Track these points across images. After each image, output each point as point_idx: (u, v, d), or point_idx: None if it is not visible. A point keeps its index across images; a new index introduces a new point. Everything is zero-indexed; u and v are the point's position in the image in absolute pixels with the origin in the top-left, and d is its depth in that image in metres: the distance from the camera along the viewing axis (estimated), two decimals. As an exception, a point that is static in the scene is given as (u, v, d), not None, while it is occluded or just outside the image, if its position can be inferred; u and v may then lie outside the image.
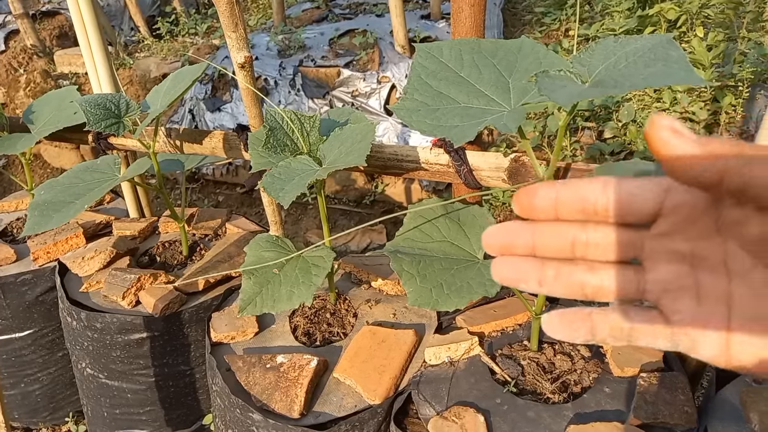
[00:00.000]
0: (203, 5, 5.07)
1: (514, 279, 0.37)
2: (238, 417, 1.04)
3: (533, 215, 0.36)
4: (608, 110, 2.52)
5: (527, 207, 0.36)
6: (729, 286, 0.32)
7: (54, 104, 1.56)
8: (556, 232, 0.36)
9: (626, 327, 0.35)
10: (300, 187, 0.91)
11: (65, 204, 1.21)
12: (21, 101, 4.00)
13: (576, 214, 0.35)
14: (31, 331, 1.61)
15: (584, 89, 0.59)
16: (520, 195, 0.36)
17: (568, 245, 0.36)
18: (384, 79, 2.98)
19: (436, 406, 0.96)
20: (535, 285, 0.37)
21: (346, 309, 1.26)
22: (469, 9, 1.09)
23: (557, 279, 0.36)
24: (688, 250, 0.33)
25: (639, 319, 0.34)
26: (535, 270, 0.36)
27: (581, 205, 0.34)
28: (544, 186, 0.35)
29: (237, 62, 1.10)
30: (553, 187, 0.35)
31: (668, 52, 0.56)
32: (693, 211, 0.32)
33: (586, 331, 0.36)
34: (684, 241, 0.33)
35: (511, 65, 0.84)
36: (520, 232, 0.37)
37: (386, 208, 2.90)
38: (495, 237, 0.38)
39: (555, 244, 0.36)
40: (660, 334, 0.34)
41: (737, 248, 0.31)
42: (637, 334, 0.35)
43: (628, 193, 0.33)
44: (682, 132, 0.31)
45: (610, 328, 0.35)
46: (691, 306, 0.33)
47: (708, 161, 0.29)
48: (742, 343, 0.31)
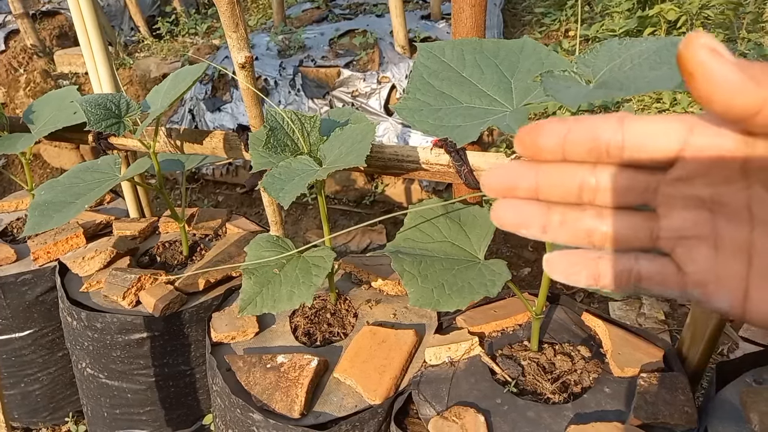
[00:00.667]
0: (203, 5, 5.07)
1: (516, 223, 0.34)
2: (238, 417, 1.04)
3: (538, 155, 0.33)
4: (608, 110, 2.52)
5: (531, 146, 0.33)
6: (751, 235, 0.29)
7: (54, 104, 1.56)
8: (562, 174, 0.33)
9: (634, 273, 0.33)
10: (300, 187, 0.91)
11: (66, 204, 1.21)
12: (21, 101, 4.00)
13: (586, 154, 0.32)
14: (31, 331, 1.61)
15: (590, 90, 0.59)
16: (524, 133, 0.33)
17: (576, 189, 0.33)
18: (384, 80, 2.98)
19: (437, 406, 0.96)
20: (538, 231, 0.34)
21: (346, 309, 1.26)
22: (470, 9, 1.09)
23: (563, 225, 0.34)
24: (708, 196, 0.30)
25: (649, 265, 0.32)
26: (539, 214, 0.34)
27: (592, 144, 0.31)
28: (552, 122, 0.32)
29: (238, 62, 1.10)
30: (564, 123, 0.32)
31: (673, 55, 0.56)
32: (719, 152, 0.29)
33: (589, 275, 0.33)
34: (704, 186, 0.30)
35: (513, 65, 0.84)
36: (522, 174, 0.34)
37: (386, 208, 2.90)
38: (495, 178, 0.35)
39: (561, 188, 0.33)
40: (671, 283, 0.32)
41: (764, 194, 0.29)
42: (646, 283, 0.32)
43: (646, 131, 0.30)
44: (722, 53, 0.27)
45: (616, 273, 0.33)
46: (708, 255, 0.31)
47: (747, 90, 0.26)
48: (761, 297, 0.29)
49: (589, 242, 0.34)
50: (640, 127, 0.30)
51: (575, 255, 0.34)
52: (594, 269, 0.33)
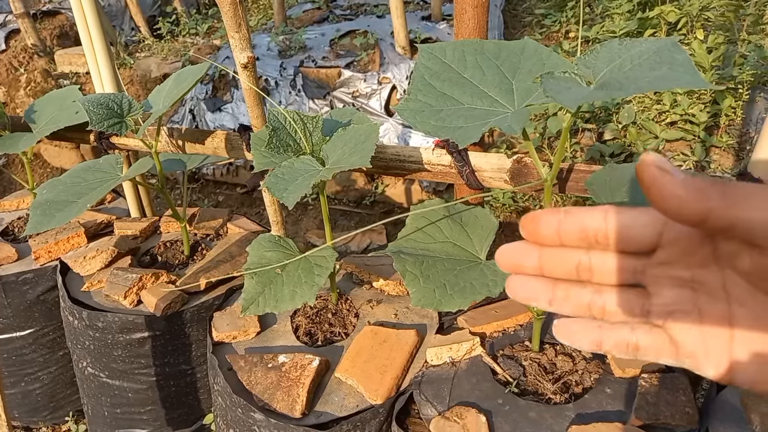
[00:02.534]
0: (204, 5, 5.07)
1: (527, 297, 0.40)
2: (239, 416, 1.04)
3: (539, 240, 0.38)
4: (608, 112, 2.52)
5: (533, 233, 0.38)
6: (730, 309, 0.33)
7: (56, 104, 1.56)
8: (560, 256, 0.38)
9: (632, 344, 0.36)
10: (304, 188, 0.91)
11: (67, 203, 1.21)
12: (21, 101, 4.00)
13: (578, 241, 0.37)
14: (32, 330, 1.61)
15: (590, 91, 0.60)
16: (526, 221, 0.38)
17: (573, 269, 0.38)
18: (385, 80, 2.99)
19: (438, 407, 0.96)
20: (546, 304, 0.39)
21: (347, 309, 1.26)
22: (473, 10, 1.09)
23: (566, 300, 0.38)
24: (688, 277, 0.34)
25: (645, 338, 0.36)
26: (546, 290, 0.39)
27: (582, 233, 0.36)
28: (546, 213, 0.37)
29: (240, 62, 1.11)
30: (556, 214, 0.37)
31: (673, 56, 0.56)
32: (690, 242, 0.34)
33: (591, 341, 0.38)
34: (684, 269, 0.35)
35: (515, 66, 0.84)
36: (528, 254, 0.39)
37: (386, 208, 2.90)
38: (506, 256, 0.40)
39: (560, 268, 0.38)
40: (665, 353, 0.36)
41: (735, 276, 0.33)
42: (643, 351, 0.36)
43: (626, 224, 0.35)
44: (668, 170, 0.32)
45: (617, 342, 0.37)
46: (694, 328, 0.34)
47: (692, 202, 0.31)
48: (744, 363, 0.33)
49: (589, 314, 0.38)
50: (620, 221, 0.35)
51: (579, 323, 0.38)
52: (596, 337, 0.38)
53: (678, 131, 2.32)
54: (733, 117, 2.29)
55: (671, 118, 2.36)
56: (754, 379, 0.33)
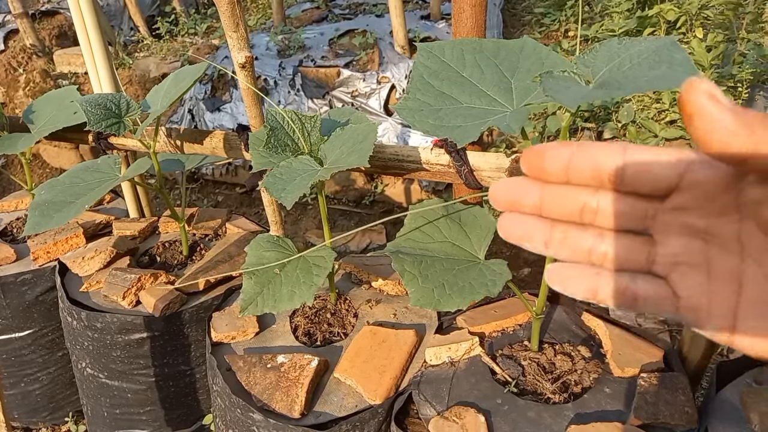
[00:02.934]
0: (203, 5, 5.07)
1: (519, 236, 0.36)
2: (238, 417, 1.04)
3: (542, 177, 0.35)
4: (607, 111, 2.52)
5: (536, 168, 0.34)
6: (741, 266, 0.31)
7: (54, 104, 1.56)
8: (565, 195, 0.34)
9: (630, 292, 0.34)
10: (303, 188, 0.91)
11: (66, 204, 1.21)
12: (20, 101, 3.99)
13: (588, 179, 0.33)
14: (31, 330, 1.61)
15: (589, 91, 0.59)
16: (529, 155, 0.35)
17: (577, 210, 0.34)
18: (384, 80, 2.98)
19: (437, 406, 0.96)
20: (541, 246, 0.36)
21: (346, 309, 1.26)
22: (471, 9, 1.09)
23: (564, 242, 0.35)
24: (702, 226, 0.32)
25: (645, 287, 0.34)
26: (543, 230, 0.36)
27: (595, 171, 0.33)
28: (555, 147, 0.34)
29: (238, 62, 1.10)
30: (567, 148, 0.33)
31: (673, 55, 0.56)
32: (714, 187, 0.31)
33: (587, 288, 0.35)
34: (699, 217, 0.32)
35: (514, 65, 0.84)
36: (527, 191, 0.35)
37: (386, 208, 2.90)
38: (502, 192, 0.36)
39: (563, 208, 0.35)
40: (665, 305, 0.33)
41: (754, 228, 0.30)
42: (641, 302, 0.34)
43: (647, 161, 0.32)
44: (720, 99, 0.29)
45: (615, 290, 0.34)
46: (700, 282, 0.32)
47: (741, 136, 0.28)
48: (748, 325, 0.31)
49: (588, 260, 0.35)
50: (640, 157, 0.32)
51: (575, 268, 0.36)
52: (592, 284, 0.35)
53: (677, 130, 2.32)
54: (732, 116, 2.28)
55: (671, 117, 2.36)
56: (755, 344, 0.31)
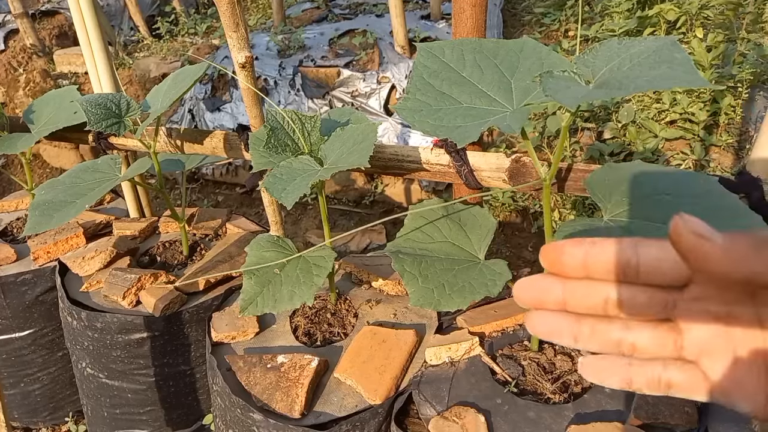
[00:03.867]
0: (203, 5, 5.07)
1: (549, 333, 0.37)
2: (238, 417, 1.04)
3: (562, 272, 0.36)
4: (608, 111, 2.52)
5: (556, 264, 0.36)
6: (765, 344, 0.32)
7: (54, 104, 1.56)
8: (587, 290, 0.36)
9: (664, 381, 0.35)
10: (303, 188, 0.91)
11: (66, 204, 1.21)
12: (20, 101, 3.99)
13: (606, 273, 0.35)
14: (31, 330, 1.61)
15: (589, 90, 0.59)
16: (548, 251, 0.36)
17: (600, 303, 0.36)
18: (384, 80, 2.98)
19: (437, 406, 0.96)
20: (571, 340, 0.37)
21: (346, 309, 1.26)
22: (471, 9, 1.09)
23: (592, 336, 0.36)
24: (723, 312, 0.33)
25: (678, 375, 0.35)
26: (570, 326, 0.37)
27: (611, 266, 0.34)
28: (571, 244, 0.35)
29: (238, 62, 1.10)
30: (581, 245, 0.35)
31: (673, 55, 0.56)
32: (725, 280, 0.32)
33: (621, 379, 0.36)
34: (718, 304, 0.33)
35: (513, 65, 0.84)
36: (550, 289, 0.37)
37: (386, 208, 2.90)
38: (526, 291, 0.38)
39: (587, 302, 0.36)
40: (698, 390, 0.34)
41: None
42: (676, 388, 0.35)
43: (657, 257, 0.33)
44: (707, 236, 0.30)
45: (648, 380, 0.35)
46: (728, 365, 0.33)
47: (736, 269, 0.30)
48: None
49: (618, 351, 0.36)
50: (652, 254, 0.33)
51: (607, 360, 0.36)
52: (625, 375, 0.36)
53: (677, 130, 2.32)
54: (732, 116, 2.29)
55: (671, 117, 2.36)
56: None
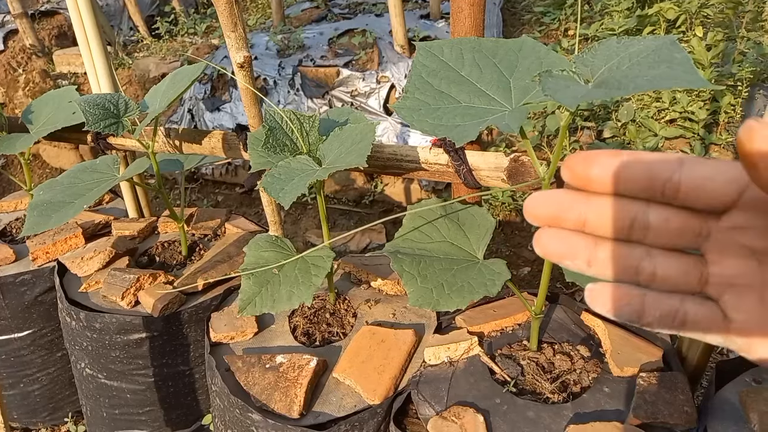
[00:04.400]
0: (202, 5, 5.07)
1: (561, 254, 0.34)
2: (237, 417, 1.04)
3: (587, 186, 0.32)
4: (607, 110, 2.52)
5: (582, 176, 0.32)
6: None
7: (53, 104, 1.56)
8: (614, 208, 0.32)
9: (680, 315, 0.32)
10: (300, 188, 0.91)
11: (64, 204, 1.21)
12: (20, 101, 3.99)
13: (639, 191, 0.31)
14: (30, 331, 1.61)
15: (588, 90, 0.59)
16: (575, 161, 0.32)
17: (626, 225, 0.32)
18: (383, 79, 2.98)
19: (436, 406, 0.95)
20: (584, 264, 0.33)
21: (345, 309, 1.25)
22: (469, 8, 1.09)
23: (609, 261, 0.33)
24: (760, 247, 0.30)
25: (696, 310, 0.32)
26: (587, 248, 0.33)
27: (648, 181, 0.31)
28: (606, 154, 0.32)
29: (236, 62, 1.10)
30: (618, 156, 0.31)
31: (672, 54, 0.56)
32: None
33: (632, 311, 0.33)
34: (756, 237, 0.30)
35: (512, 65, 0.83)
36: (571, 204, 0.33)
37: (385, 207, 2.90)
38: (541, 206, 0.33)
39: (611, 222, 0.32)
40: (715, 329, 0.32)
41: None
42: (690, 325, 0.32)
43: (706, 176, 0.30)
44: None
45: (663, 312, 0.32)
46: (754, 306, 0.31)
47: None
48: None
49: (635, 280, 0.33)
50: (699, 171, 0.30)
51: (620, 289, 0.33)
52: (638, 306, 0.33)
53: (677, 129, 2.32)
54: (732, 114, 2.28)
55: (670, 116, 2.36)
56: None
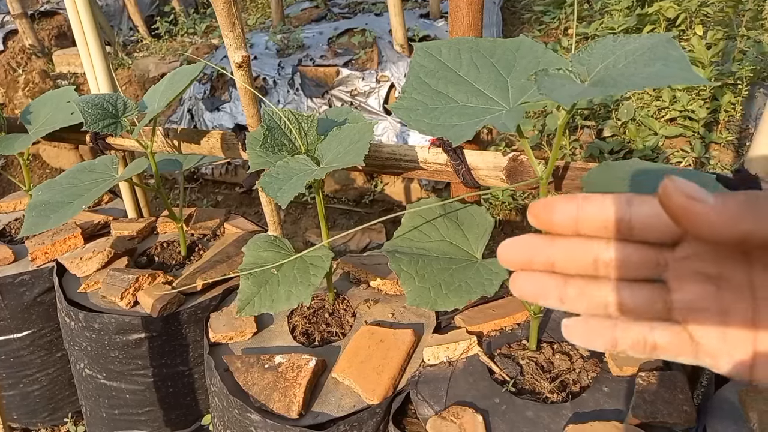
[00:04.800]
0: (202, 5, 5.06)
1: (535, 294, 0.37)
2: (236, 417, 1.04)
3: (551, 229, 0.35)
4: (607, 109, 2.51)
5: (545, 222, 0.35)
6: (755, 308, 0.32)
7: (52, 104, 1.56)
8: (577, 248, 0.35)
9: (650, 342, 0.34)
10: (298, 187, 0.91)
11: (63, 204, 1.21)
12: (19, 101, 3.99)
13: (598, 230, 0.34)
14: (29, 331, 1.61)
15: (584, 88, 0.59)
16: (538, 208, 0.35)
17: (591, 263, 0.35)
18: (383, 78, 2.98)
19: (435, 406, 0.95)
20: (556, 302, 0.36)
21: (344, 309, 1.25)
22: (467, 8, 1.08)
23: (580, 297, 0.36)
24: (714, 273, 0.33)
25: (663, 336, 0.34)
26: (557, 287, 0.36)
27: (603, 222, 0.33)
28: (563, 200, 0.34)
29: (234, 62, 1.10)
30: (574, 201, 0.34)
31: (668, 52, 0.56)
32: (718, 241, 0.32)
33: (606, 341, 0.35)
34: (710, 264, 0.33)
35: (510, 64, 0.83)
36: (538, 248, 0.36)
37: (385, 207, 2.89)
38: (512, 252, 0.37)
39: (577, 262, 0.35)
40: (683, 351, 0.34)
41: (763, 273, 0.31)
42: (661, 350, 0.34)
43: (651, 214, 0.33)
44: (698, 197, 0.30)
45: (633, 341, 0.35)
46: (717, 328, 0.33)
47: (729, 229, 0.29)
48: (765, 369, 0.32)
49: (605, 313, 0.35)
50: (646, 210, 0.33)
51: (592, 322, 0.36)
52: (610, 336, 0.35)
53: (677, 127, 2.31)
54: (732, 113, 2.28)
55: (670, 115, 2.36)
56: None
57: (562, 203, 0.34)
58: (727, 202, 0.29)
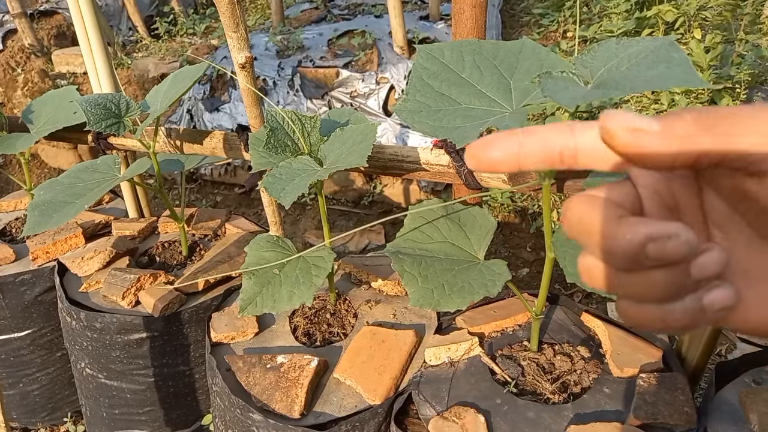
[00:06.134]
0: (201, 5, 5.07)
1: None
2: (238, 417, 1.04)
3: (493, 168, 0.34)
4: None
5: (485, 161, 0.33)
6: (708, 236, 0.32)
7: (53, 104, 1.56)
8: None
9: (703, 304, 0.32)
10: (301, 188, 0.91)
11: (65, 204, 1.21)
12: (18, 101, 3.99)
13: (540, 163, 0.33)
14: (30, 331, 1.61)
15: (587, 91, 0.60)
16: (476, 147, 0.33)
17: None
18: (383, 80, 2.98)
19: (437, 407, 0.96)
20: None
21: (346, 309, 1.26)
22: (471, 10, 1.09)
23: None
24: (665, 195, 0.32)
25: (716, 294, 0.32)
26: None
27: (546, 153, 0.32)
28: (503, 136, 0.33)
29: (238, 62, 1.10)
30: (515, 136, 0.32)
31: (670, 55, 0.56)
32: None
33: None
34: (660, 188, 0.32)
35: (513, 66, 0.84)
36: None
37: (385, 208, 2.90)
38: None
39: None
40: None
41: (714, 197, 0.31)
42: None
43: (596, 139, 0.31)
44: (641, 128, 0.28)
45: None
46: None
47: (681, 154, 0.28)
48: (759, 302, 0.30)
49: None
50: (589, 135, 0.31)
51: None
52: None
53: (676, 130, 2.32)
54: (730, 116, 2.29)
55: (669, 118, 2.36)
56: None
57: (501, 139, 0.33)
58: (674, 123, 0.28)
